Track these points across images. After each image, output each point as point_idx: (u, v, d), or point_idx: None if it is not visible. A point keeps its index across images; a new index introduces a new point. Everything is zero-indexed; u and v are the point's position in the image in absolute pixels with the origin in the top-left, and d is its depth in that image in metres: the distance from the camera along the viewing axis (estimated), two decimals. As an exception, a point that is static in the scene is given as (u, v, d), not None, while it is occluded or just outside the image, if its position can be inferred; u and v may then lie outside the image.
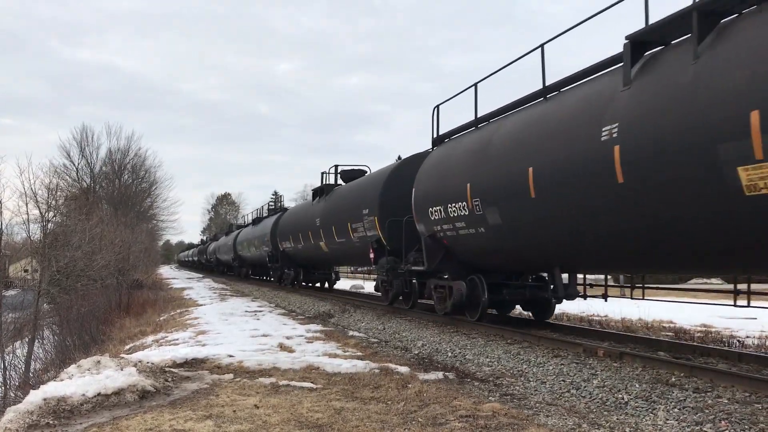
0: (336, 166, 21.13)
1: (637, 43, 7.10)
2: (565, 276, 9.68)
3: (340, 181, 20.88)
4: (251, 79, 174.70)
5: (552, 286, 9.72)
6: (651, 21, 7.00)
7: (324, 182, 21.35)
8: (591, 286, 10.40)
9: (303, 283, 26.58)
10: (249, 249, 35.08)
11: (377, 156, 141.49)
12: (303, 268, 25.82)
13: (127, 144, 54.90)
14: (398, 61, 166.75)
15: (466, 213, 10.48)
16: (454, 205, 10.88)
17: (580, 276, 9.99)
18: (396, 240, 13.96)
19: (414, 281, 13.82)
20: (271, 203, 41.20)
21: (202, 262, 64.20)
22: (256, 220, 35.54)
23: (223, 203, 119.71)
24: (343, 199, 18.58)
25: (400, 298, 14.75)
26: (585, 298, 10.11)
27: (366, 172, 19.59)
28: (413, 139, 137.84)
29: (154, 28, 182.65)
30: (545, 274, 11.19)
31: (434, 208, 11.67)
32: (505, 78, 12.48)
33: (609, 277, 10.77)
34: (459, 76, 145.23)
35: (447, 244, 11.67)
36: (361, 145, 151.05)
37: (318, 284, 27.28)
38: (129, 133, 70.73)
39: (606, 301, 10.17)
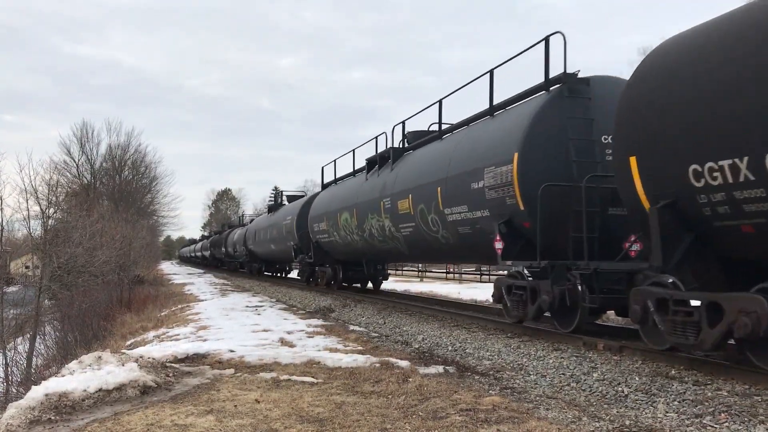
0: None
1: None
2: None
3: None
4: (253, 75, 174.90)
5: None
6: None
7: (277, 201, 21.32)
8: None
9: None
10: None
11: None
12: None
13: (127, 140, 54.90)
14: (400, 56, 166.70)
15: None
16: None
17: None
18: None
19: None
20: (270, 198, 41.24)
21: (217, 257, 53.41)
22: (273, 207, 30.30)
23: (224, 199, 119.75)
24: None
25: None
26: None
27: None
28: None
29: (157, 24, 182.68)
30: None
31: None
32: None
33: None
34: (461, 71, 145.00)
35: None
36: (363, 140, 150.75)
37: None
38: (129, 129, 70.76)
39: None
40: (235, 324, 12.01)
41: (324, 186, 21.72)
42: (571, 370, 7.00)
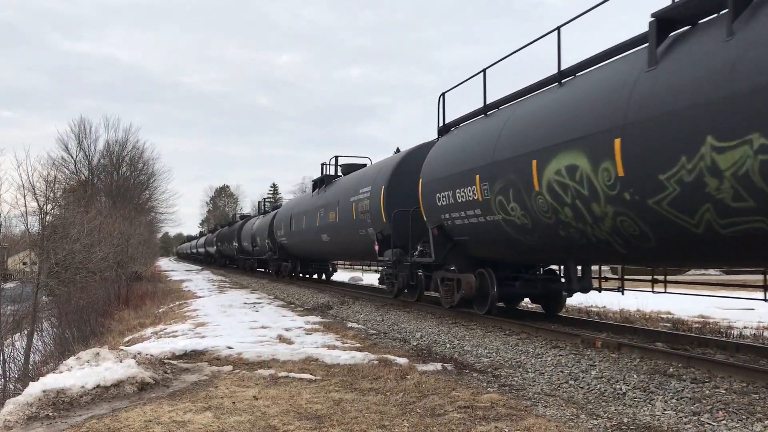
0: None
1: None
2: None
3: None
4: (252, 72, 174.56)
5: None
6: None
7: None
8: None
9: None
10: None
11: (376, 148, 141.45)
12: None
13: (125, 136, 54.84)
14: (398, 54, 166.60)
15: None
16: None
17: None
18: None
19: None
20: (269, 195, 40.70)
21: (226, 253, 46.29)
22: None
23: (222, 195, 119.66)
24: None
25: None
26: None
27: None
28: (413, 131, 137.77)
29: (155, 21, 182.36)
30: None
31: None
32: (513, 68, 11.72)
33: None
34: (458, 69, 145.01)
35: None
36: (361, 137, 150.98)
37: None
38: (127, 125, 70.76)
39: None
40: (233, 321, 12.00)
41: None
42: (570, 368, 7.00)
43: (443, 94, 12.60)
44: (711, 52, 6.06)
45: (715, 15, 6.42)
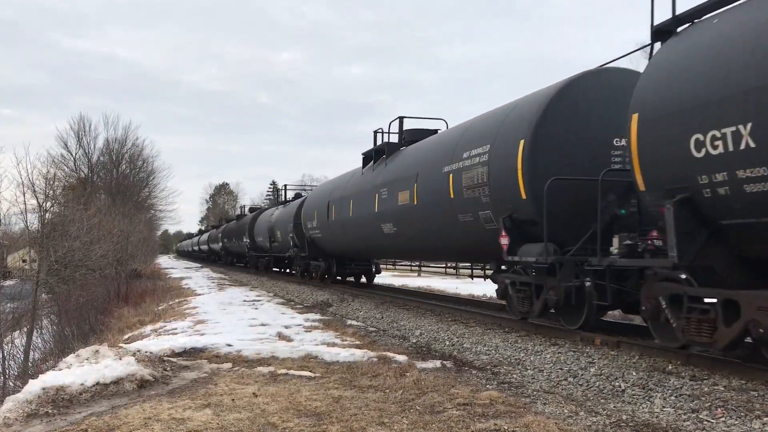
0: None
1: None
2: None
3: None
4: (252, 70, 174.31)
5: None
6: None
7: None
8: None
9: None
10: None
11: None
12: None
13: (125, 134, 54.78)
14: (399, 52, 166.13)
15: None
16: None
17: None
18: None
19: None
20: (269, 193, 40.29)
21: (234, 251, 40.29)
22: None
23: (221, 193, 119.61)
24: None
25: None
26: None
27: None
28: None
29: (156, 19, 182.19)
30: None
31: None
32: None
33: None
34: (459, 67, 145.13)
35: None
36: (361, 135, 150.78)
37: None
38: (126, 123, 70.60)
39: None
40: (232, 318, 12.01)
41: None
42: (569, 365, 7.01)
43: None
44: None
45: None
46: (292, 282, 23.74)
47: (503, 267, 10.38)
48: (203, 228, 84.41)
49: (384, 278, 25.95)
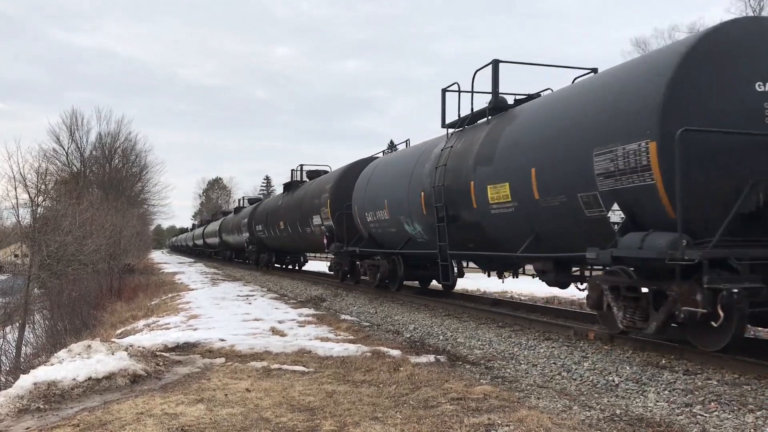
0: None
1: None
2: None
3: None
4: (249, 65, 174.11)
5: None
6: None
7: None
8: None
9: (276, 265, 28.95)
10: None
11: (372, 141, 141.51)
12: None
13: (117, 128, 54.57)
14: (396, 47, 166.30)
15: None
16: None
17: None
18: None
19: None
20: (262, 188, 40.30)
21: (233, 245, 37.37)
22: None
23: (215, 188, 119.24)
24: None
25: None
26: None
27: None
28: (409, 123, 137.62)
29: (152, 13, 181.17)
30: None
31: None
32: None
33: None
34: (457, 62, 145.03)
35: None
36: (357, 130, 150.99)
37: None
38: (119, 117, 70.32)
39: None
40: (226, 313, 11.97)
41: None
42: (562, 360, 7.02)
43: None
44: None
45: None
46: (286, 277, 23.73)
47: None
48: (196, 223, 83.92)
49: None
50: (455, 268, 12.49)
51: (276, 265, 28.74)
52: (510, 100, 10.25)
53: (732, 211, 5.97)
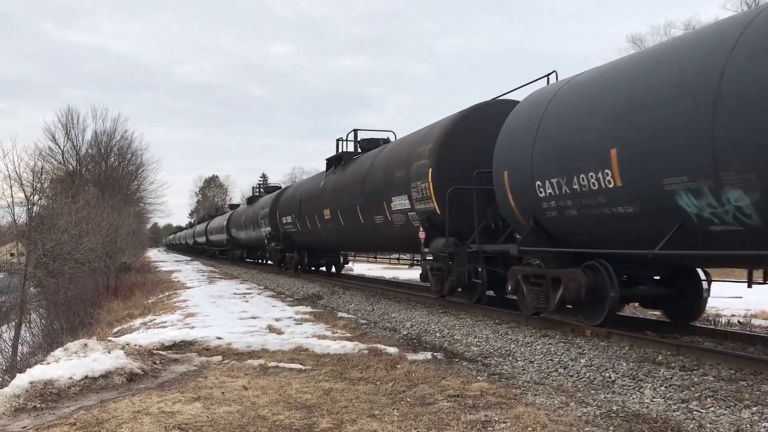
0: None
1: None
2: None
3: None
4: (245, 62, 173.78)
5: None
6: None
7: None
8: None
9: (308, 268, 22.65)
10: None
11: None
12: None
13: (113, 126, 54.37)
14: (393, 44, 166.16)
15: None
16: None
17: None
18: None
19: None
20: (259, 185, 39.84)
21: (244, 243, 33.94)
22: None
23: (211, 186, 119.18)
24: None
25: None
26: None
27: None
28: (407, 121, 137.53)
29: (148, 10, 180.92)
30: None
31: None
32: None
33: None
34: (454, 59, 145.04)
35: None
36: (353, 127, 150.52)
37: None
38: (115, 115, 70.09)
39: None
40: (222, 311, 11.97)
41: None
42: (559, 356, 7.03)
43: None
44: None
45: None
46: (283, 275, 23.67)
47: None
48: (193, 221, 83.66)
49: (375, 271, 26.54)
50: None
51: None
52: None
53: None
